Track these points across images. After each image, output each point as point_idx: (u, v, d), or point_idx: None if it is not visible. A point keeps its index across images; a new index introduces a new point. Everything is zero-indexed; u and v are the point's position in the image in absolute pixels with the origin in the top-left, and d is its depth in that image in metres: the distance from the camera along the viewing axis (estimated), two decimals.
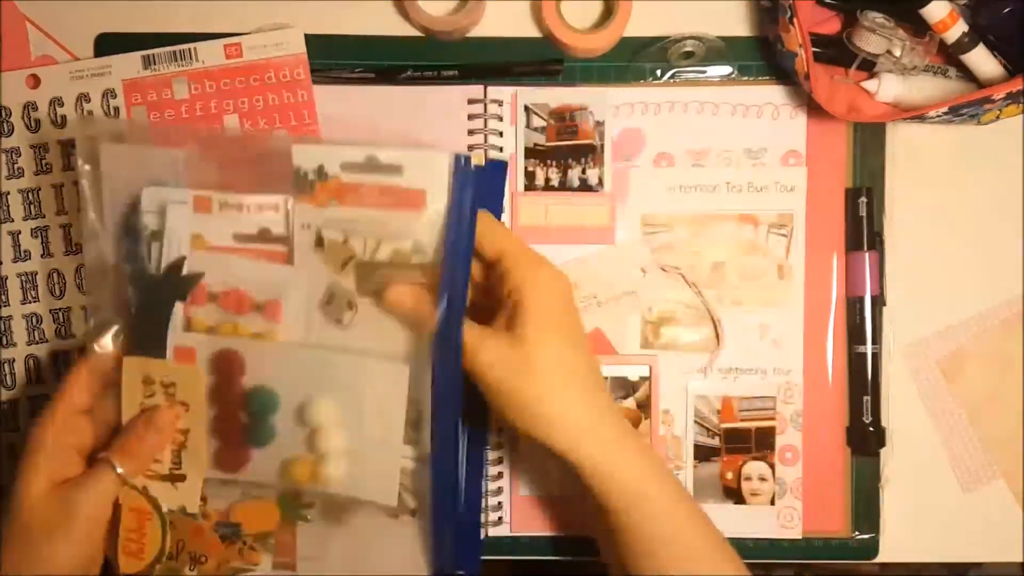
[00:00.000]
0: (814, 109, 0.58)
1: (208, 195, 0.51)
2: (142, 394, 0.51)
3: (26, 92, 0.58)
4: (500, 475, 0.59)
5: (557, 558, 0.59)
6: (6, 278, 0.59)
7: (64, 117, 0.58)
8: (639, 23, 0.58)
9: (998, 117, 0.54)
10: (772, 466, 0.58)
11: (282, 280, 0.51)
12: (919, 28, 0.54)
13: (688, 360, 0.59)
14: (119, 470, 0.49)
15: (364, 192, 0.50)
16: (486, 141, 0.58)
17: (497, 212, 0.55)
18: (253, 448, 0.51)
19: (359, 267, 0.50)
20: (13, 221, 0.59)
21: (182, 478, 0.52)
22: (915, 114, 0.53)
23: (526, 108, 0.59)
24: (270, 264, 0.51)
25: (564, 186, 0.59)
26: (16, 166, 0.59)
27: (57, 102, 0.58)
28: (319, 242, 0.50)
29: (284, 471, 0.51)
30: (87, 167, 0.51)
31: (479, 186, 0.49)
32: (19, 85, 0.58)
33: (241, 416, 0.51)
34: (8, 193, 0.59)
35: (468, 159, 0.49)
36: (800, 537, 0.59)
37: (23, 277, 0.59)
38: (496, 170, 0.55)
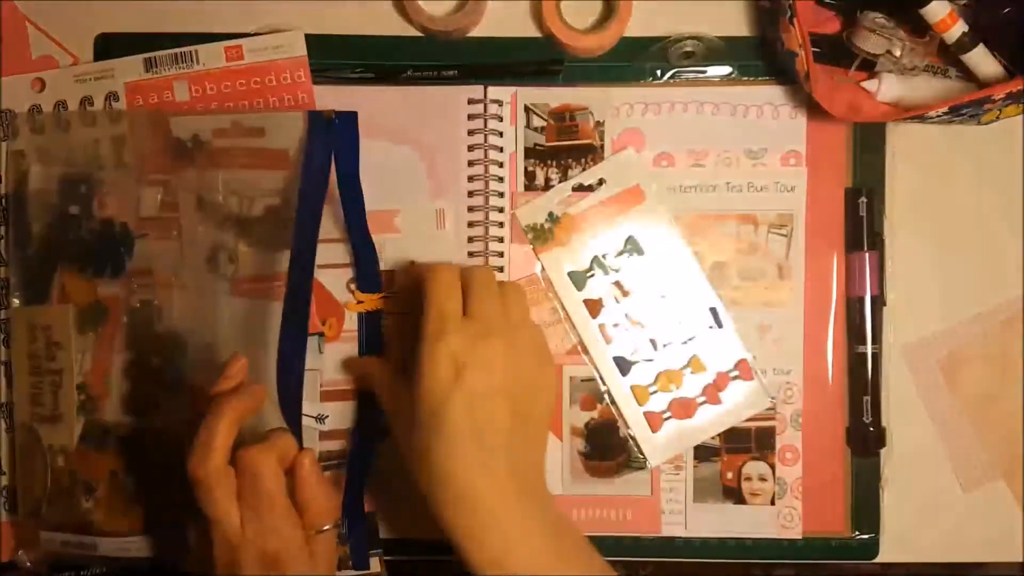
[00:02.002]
0: (814, 109, 0.58)
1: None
2: (27, 341, 0.57)
3: (31, 95, 0.59)
4: None
5: None
6: (8, 280, 0.59)
7: (68, 121, 0.58)
8: (639, 23, 0.58)
9: (998, 117, 0.54)
10: (772, 466, 0.58)
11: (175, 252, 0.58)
12: (919, 28, 0.54)
13: None
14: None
15: (235, 155, 0.57)
16: (486, 141, 0.59)
17: (354, 161, 0.57)
18: (162, 392, 0.57)
19: (237, 224, 0.57)
20: None
21: (60, 417, 0.57)
22: (915, 114, 0.53)
23: (526, 108, 0.59)
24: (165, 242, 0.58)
25: None
26: (20, 170, 0.59)
27: (62, 105, 0.59)
28: (200, 204, 0.56)
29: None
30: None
31: (333, 137, 0.55)
32: (25, 88, 0.59)
33: (153, 360, 0.57)
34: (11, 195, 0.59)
35: (322, 114, 0.55)
36: (800, 537, 0.59)
37: None
38: (347, 121, 0.57)
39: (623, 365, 0.58)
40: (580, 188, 0.59)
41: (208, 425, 0.47)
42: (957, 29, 0.53)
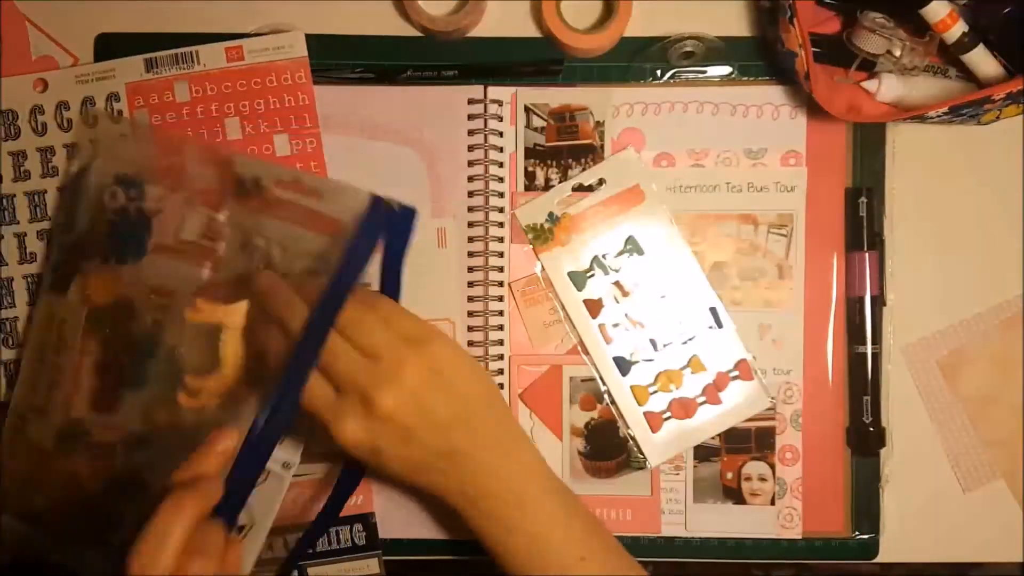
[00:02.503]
0: (814, 109, 0.58)
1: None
2: (44, 330, 0.57)
3: (33, 95, 0.59)
4: None
5: None
6: (12, 280, 0.59)
7: (70, 120, 0.59)
8: (639, 23, 0.58)
9: (998, 117, 0.54)
10: (772, 466, 0.59)
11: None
12: (919, 28, 0.54)
13: None
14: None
15: (290, 208, 0.54)
16: (486, 141, 0.59)
17: (401, 254, 0.53)
18: (127, 390, 0.55)
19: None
20: (19, 223, 0.59)
21: (46, 412, 0.57)
22: (915, 114, 0.53)
23: (526, 108, 0.59)
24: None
25: None
26: (22, 168, 0.59)
27: (63, 105, 0.59)
28: (244, 245, 0.54)
29: (147, 413, 0.55)
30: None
31: (388, 227, 0.52)
32: (26, 89, 0.59)
33: (149, 381, 0.55)
34: (15, 196, 0.59)
35: (383, 201, 0.51)
36: (800, 537, 0.59)
37: (29, 279, 0.59)
38: (406, 216, 0.53)
39: (623, 365, 0.58)
40: (580, 188, 0.59)
41: (164, 523, 0.43)
42: (957, 29, 0.52)
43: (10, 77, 0.59)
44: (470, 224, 0.59)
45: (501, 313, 0.59)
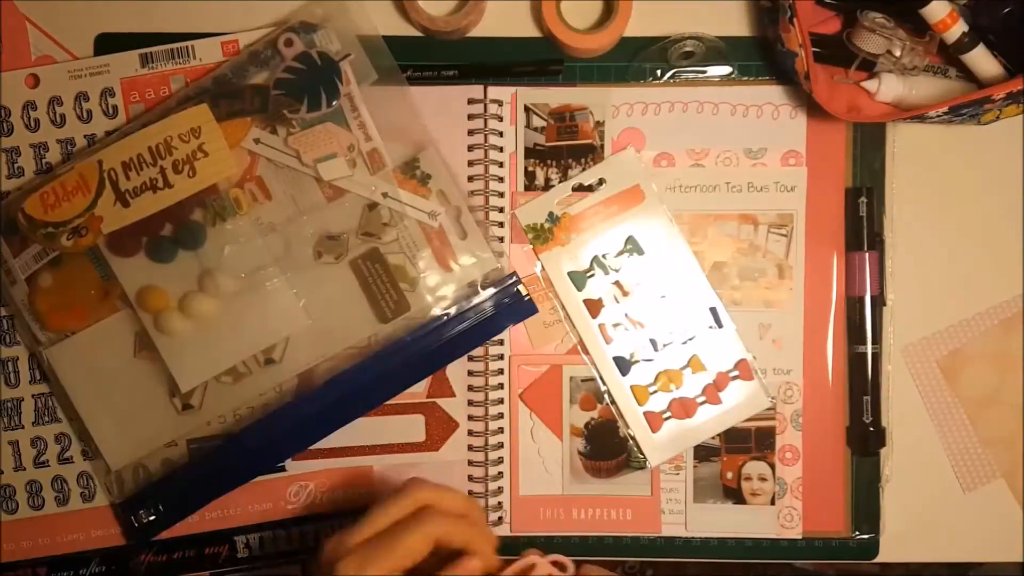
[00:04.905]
0: (814, 109, 0.58)
1: None
2: None
3: (25, 91, 0.59)
4: (500, 475, 0.59)
5: None
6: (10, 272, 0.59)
7: (63, 116, 0.58)
8: (639, 23, 0.58)
9: (998, 117, 0.54)
10: (772, 466, 0.58)
11: None
12: (919, 28, 0.54)
13: None
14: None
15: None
16: (486, 141, 0.59)
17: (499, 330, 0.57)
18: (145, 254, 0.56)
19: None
20: None
21: None
22: (915, 114, 0.53)
23: (526, 108, 0.59)
24: None
25: None
26: (16, 165, 0.59)
27: (56, 101, 0.58)
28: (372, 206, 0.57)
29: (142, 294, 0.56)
30: None
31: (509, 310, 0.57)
32: (18, 85, 0.59)
33: (167, 228, 0.56)
34: (9, 192, 0.59)
35: (520, 285, 0.57)
36: (800, 537, 0.59)
37: None
38: (528, 310, 0.58)
39: (623, 365, 0.58)
40: (580, 188, 0.59)
41: (405, 535, 0.45)
42: (957, 29, 0.53)
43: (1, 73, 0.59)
44: None
45: None
